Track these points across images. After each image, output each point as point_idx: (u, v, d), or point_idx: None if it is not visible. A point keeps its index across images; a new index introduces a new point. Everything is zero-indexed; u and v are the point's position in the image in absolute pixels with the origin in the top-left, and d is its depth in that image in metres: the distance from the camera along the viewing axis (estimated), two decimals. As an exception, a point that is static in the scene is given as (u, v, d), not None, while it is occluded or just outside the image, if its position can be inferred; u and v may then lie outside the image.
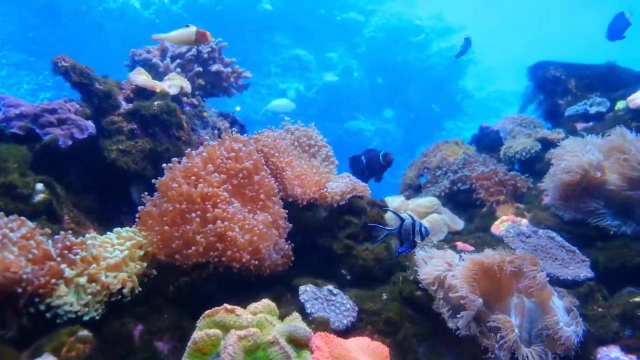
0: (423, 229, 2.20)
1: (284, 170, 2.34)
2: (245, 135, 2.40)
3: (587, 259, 2.47)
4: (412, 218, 2.22)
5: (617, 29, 4.17)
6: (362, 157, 3.06)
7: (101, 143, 2.39)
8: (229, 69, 3.24)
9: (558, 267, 2.42)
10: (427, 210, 3.20)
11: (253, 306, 1.73)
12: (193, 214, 1.92)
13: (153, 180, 2.06)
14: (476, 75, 16.53)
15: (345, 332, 1.95)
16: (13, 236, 1.63)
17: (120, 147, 2.37)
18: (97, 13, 11.69)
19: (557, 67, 4.19)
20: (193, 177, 2.01)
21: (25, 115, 2.19)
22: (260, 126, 2.81)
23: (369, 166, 3.00)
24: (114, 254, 1.87)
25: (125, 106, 2.53)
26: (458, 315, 1.90)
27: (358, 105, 14.24)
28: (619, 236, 2.52)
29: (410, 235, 2.21)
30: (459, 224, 3.18)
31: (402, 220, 2.21)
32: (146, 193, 2.06)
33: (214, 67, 3.16)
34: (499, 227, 2.91)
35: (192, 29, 2.52)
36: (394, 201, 3.30)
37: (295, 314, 1.75)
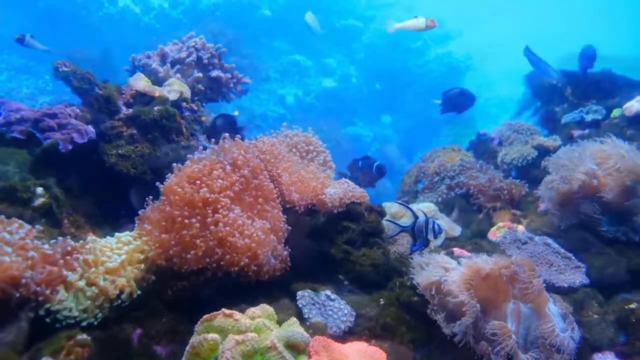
0: (436, 226, 2.21)
1: (280, 177, 2.35)
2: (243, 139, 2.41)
3: (583, 265, 2.49)
4: (425, 215, 2.22)
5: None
6: (359, 163, 3.09)
7: (101, 147, 2.40)
8: (229, 75, 3.26)
9: (554, 273, 2.43)
10: (424, 216, 3.21)
11: (251, 311, 1.73)
12: (193, 219, 1.93)
13: (157, 183, 2.06)
14: (474, 81, 16.56)
15: (342, 337, 1.96)
16: (11, 239, 1.63)
17: (119, 151, 2.39)
18: (96, 18, 11.69)
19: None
20: (197, 182, 2.02)
21: (26, 120, 2.20)
22: (259, 131, 2.83)
23: (363, 173, 3.04)
24: (113, 258, 1.87)
25: (125, 111, 2.55)
26: (456, 322, 1.91)
27: (356, 110, 14.26)
28: (614, 243, 2.54)
29: (423, 233, 2.21)
30: (456, 229, 3.19)
31: (416, 217, 2.21)
32: (151, 197, 2.06)
33: (214, 73, 3.17)
34: (495, 234, 2.93)
35: (422, 18, 3.05)
36: (392, 207, 3.31)
37: (293, 319, 1.75)
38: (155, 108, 2.54)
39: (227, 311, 1.66)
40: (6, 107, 2.19)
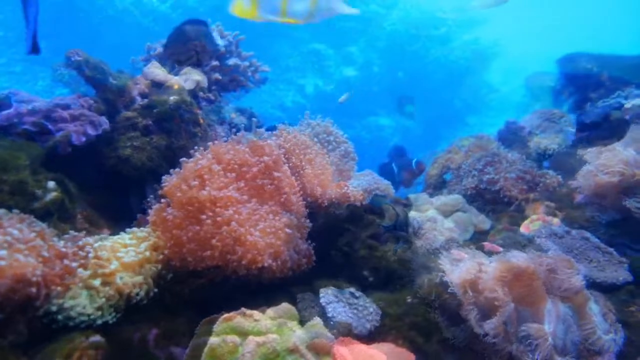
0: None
1: (303, 169, 2.25)
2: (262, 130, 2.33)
3: (625, 261, 2.34)
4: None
5: None
6: (395, 167, 3.05)
7: (115, 139, 2.33)
8: (247, 63, 3.16)
9: (594, 269, 2.29)
10: (452, 209, 3.09)
11: (272, 310, 1.66)
12: (192, 221, 1.87)
13: (162, 183, 2.00)
14: (501, 68, 16.15)
15: (368, 338, 1.88)
16: (22, 236, 1.57)
17: (134, 143, 2.32)
18: (96, 20, 11.72)
19: (588, 59, 4.03)
20: (197, 181, 1.93)
21: (38, 111, 2.13)
22: (277, 121, 2.73)
23: (403, 171, 2.98)
24: (130, 254, 1.81)
25: (140, 101, 2.48)
26: (487, 321, 1.81)
27: (378, 100, 14.08)
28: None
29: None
30: (485, 222, 3.07)
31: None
32: (156, 195, 2.00)
33: (231, 61, 3.08)
34: (529, 227, 2.79)
35: None
36: (418, 199, 3.20)
37: (317, 319, 1.68)
38: (171, 98, 2.46)
39: (246, 311, 1.61)
40: (18, 99, 2.12)
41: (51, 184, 1.96)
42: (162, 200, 1.97)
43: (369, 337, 1.88)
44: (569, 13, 22.27)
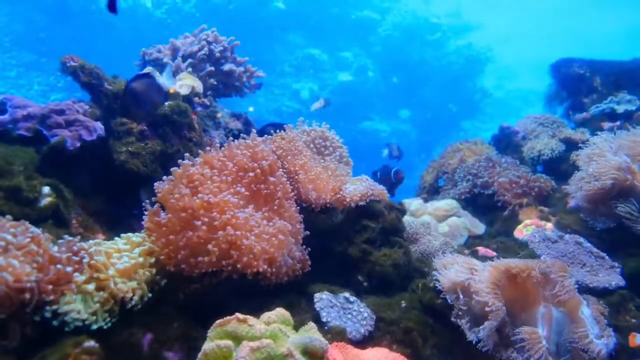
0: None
1: (297, 174, 2.25)
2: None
3: (618, 266, 2.35)
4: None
5: None
6: (378, 174, 3.06)
7: (110, 145, 2.33)
8: (242, 69, 3.17)
9: (587, 274, 2.30)
10: (446, 214, 3.11)
11: (266, 315, 1.66)
12: (187, 226, 1.86)
13: (155, 188, 1.99)
14: (495, 73, 16.24)
15: (362, 343, 1.88)
16: (16, 242, 1.56)
17: (129, 148, 2.31)
18: (107, 12, 11.71)
19: (581, 64, 4.06)
20: (189, 189, 1.93)
21: (33, 117, 2.13)
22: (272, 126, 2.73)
23: (382, 181, 2.99)
24: (123, 259, 1.80)
25: (135, 107, 2.47)
26: (480, 327, 1.82)
27: (373, 105, 14.12)
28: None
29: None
30: (479, 227, 3.08)
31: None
32: (148, 201, 1.99)
33: (226, 67, 3.08)
34: (522, 232, 2.80)
35: None
36: (412, 204, 3.21)
37: (311, 324, 1.68)
38: (166, 103, 2.46)
39: (240, 316, 1.60)
40: (13, 104, 2.12)
41: (46, 189, 1.95)
42: (156, 205, 1.96)
43: (363, 342, 1.88)
44: (562, 19, 22.43)
